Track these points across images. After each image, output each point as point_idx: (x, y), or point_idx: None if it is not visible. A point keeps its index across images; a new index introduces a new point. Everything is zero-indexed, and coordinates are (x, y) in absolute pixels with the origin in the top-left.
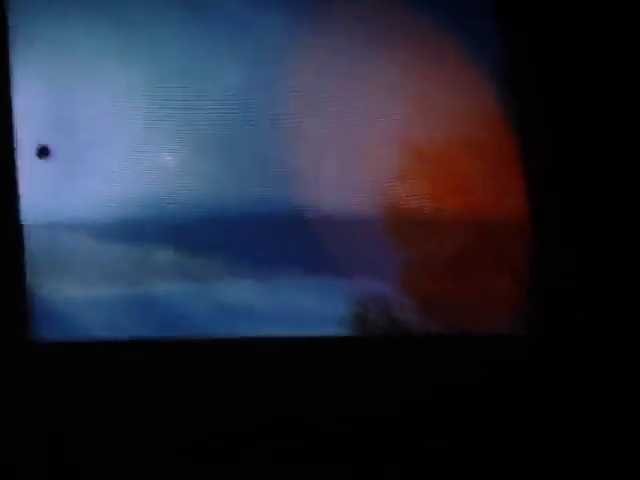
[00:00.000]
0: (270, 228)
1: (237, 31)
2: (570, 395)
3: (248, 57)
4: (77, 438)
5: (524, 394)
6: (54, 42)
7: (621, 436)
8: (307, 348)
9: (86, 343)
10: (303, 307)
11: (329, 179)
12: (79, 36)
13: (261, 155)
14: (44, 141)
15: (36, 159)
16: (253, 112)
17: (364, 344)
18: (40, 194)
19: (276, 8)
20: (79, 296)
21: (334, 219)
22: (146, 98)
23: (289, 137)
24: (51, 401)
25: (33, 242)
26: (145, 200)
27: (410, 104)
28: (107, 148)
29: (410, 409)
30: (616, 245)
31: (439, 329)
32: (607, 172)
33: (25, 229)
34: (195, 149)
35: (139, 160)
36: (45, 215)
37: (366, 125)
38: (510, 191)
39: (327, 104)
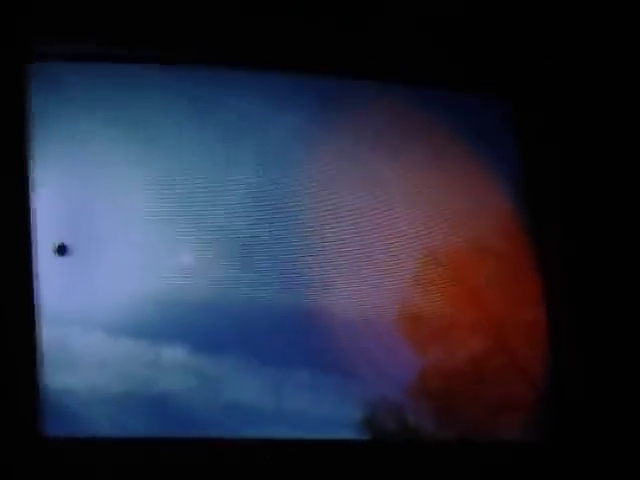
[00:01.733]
0: (284, 330)
1: (250, 131)
2: None
3: (263, 159)
4: None
5: None
6: (72, 141)
7: None
8: (316, 451)
9: (96, 440)
10: (315, 410)
11: (345, 283)
12: (97, 136)
13: (276, 257)
14: (63, 239)
15: (54, 257)
16: (268, 214)
17: (375, 449)
18: (57, 292)
19: (290, 110)
20: (91, 394)
21: (349, 323)
22: (162, 197)
23: (305, 241)
24: None
25: (48, 339)
26: (159, 299)
27: (428, 211)
28: (123, 246)
29: None
30: (631, 355)
31: (452, 435)
32: (623, 282)
33: (40, 326)
34: (210, 249)
35: (155, 259)
36: (61, 313)
37: (383, 230)
38: (526, 300)
39: (343, 208)
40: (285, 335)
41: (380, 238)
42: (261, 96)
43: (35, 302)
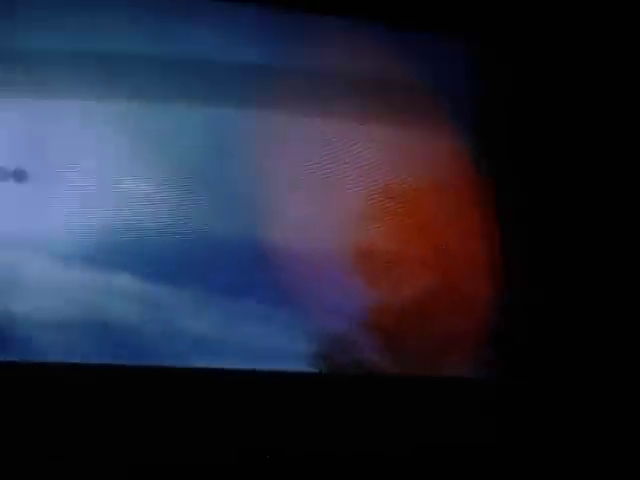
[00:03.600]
0: (235, 262)
1: (209, 62)
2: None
3: (220, 90)
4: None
5: (482, 439)
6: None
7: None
8: (264, 382)
9: (40, 364)
10: (264, 341)
11: (296, 217)
12: (57, 61)
13: (229, 191)
14: (19, 165)
15: (9, 182)
16: (223, 146)
17: (324, 382)
18: (10, 217)
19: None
20: (39, 319)
21: (300, 256)
22: (120, 127)
23: (258, 175)
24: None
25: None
26: (110, 226)
27: (380, 146)
28: (78, 174)
29: (364, 449)
30: (580, 288)
31: (400, 369)
32: (569, 217)
33: None
34: (165, 180)
35: (109, 187)
36: (14, 237)
37: (335, 165)
38: (475, 235)
39: (296, 142)
40: (236, 267)
41: (332, 173)
42: (222, 28)
43: None
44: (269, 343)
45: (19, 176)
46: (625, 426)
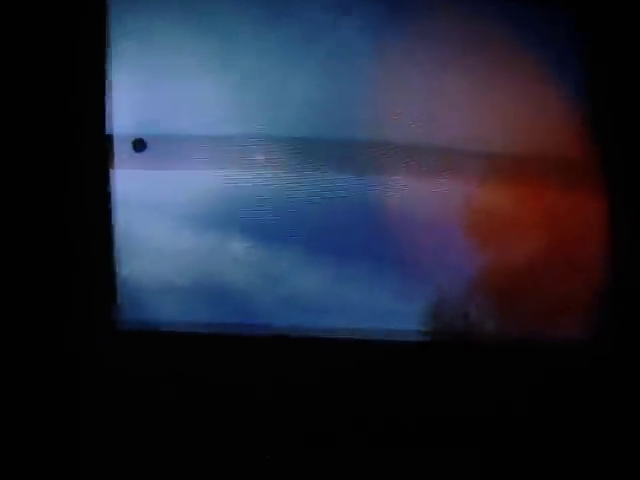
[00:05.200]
0: (346, 225)
1: (317, 34)
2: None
3: (329, 61)
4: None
5: (594, 402)
6: (149, 42)
7: None
8: (376, 345)
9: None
10: (376, 303)
11: (408, 182)
12: (173, 37)
13: (340, 157)
14: (140, 135)
15: (131, 151)
16: (333, 115)
17: (438, 346)
18: (133, 184)
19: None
20: (161, 284)
21: (411, 217)
22: (233, 98)
23: (367, 141)
24: (130, 387)
25: (122, 229)
26: (227, 195)
27: (490, 114)
28: (196, 144)
29: (482, 414)
30: None
31: (513, 333)
32: None
33: (116, 218)
34: (275, 149)
35: (225, 156)
36: (136, 204)
37: (447, 130)
38: (585, 200)
39: (408, 109)
40: (346, 230)
41: (444, 138)
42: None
43: (112, 193)
44: (380, 304)
45: (139, 145)
46: None
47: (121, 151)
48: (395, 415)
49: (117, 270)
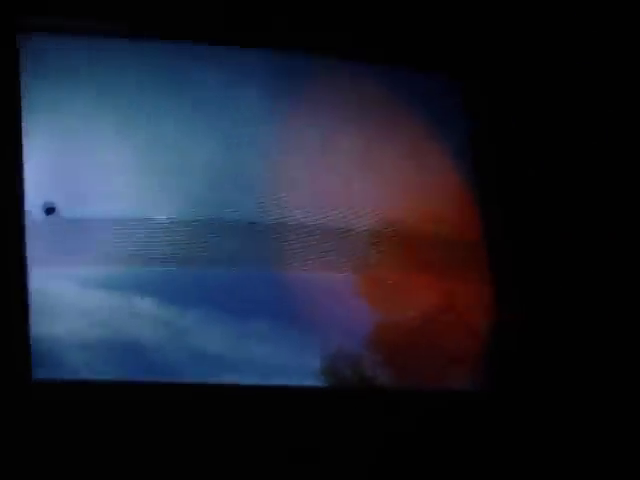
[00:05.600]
0: (247, 283)
1: (214, 102)
2: (524, 447)
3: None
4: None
5: (480, 445)
6: (58, 109)
7: None
8: (277, 397)
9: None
10: (276, 358)
11: (305, 244)
12: (81, 105)
13: (238, 221)
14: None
15: (42, 215)
16: (231, 179)
17: (333, 396)
18: (43, 246)
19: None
20: (71, 341)
21: (309, 279)
22: (138, 162)
23: (265, 205)
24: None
25: (34, 290)
26: (132, 254)
27: (382, 179)
28: (104, 208)
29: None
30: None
31: (405, 385)
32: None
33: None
34: (183, 209)
35: (130, 217)
36: (46, 265)
37: (340, 195)
38: (472, 259)
39: (302, 174)
40: (247, 290)
41: (337, 202)
42: (225, 69)
43: (24, 255)
44: (281, 360)
45: (49, 209)
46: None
47: (33, 215)
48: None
49: (30, 327)
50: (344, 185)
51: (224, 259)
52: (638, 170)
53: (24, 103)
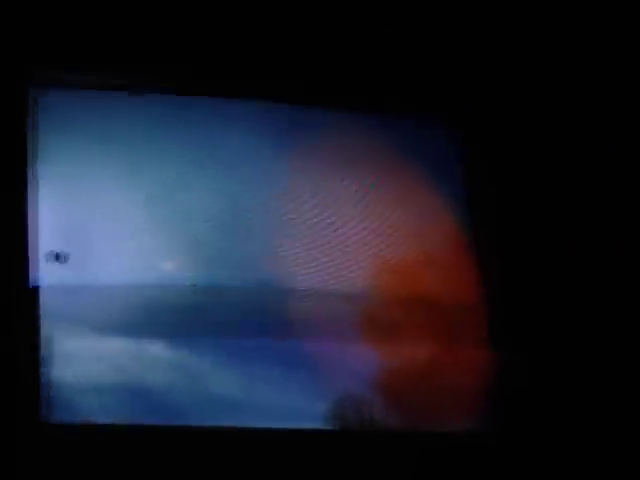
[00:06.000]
0: (255, 332)
1: (215, 153)
2: None
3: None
4: None
5: None
6: (67, 161)
7: None
8: (285, 439)
9: (85, 426)
10: (286, 402)
11: (307, 290)
12: (89, 157)
13: (242, 266)
14: (59, 248)
15: (52, 263)
16: (232, 227)
17: (340, 438)
18: (54, 294)
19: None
20: (83, 385)
21: (313, 325)
22: (142, 211)
23: (265, 251)
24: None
25: (46, 337)
26: (143, 303)
27: (379, 225)
28: (111, 254)
29: None
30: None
31: (409, 426)
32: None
33: (40, 325)
34: (184, 257)
35: (137, 264)
36: (57, 313)
37: (340, 239)
38: (471, 306)
39: (300, 222)
40: (256, 335)
41: (335, 250)
42: (226, 122)
43: (35, 304)
44: (288, 403)
45: (61, 257)
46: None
47: (43, 263)
48: None
49: (41, 370)
50: (342, 231)
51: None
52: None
53: (35, 154)
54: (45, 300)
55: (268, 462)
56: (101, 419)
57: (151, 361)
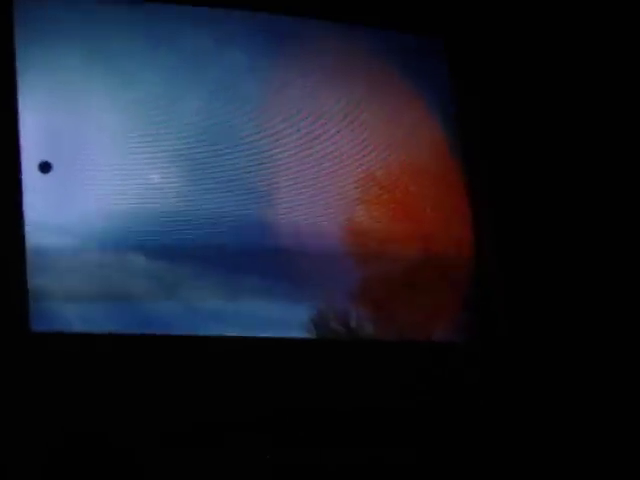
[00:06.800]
0: (239, 241)
1: (204, 63)
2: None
3: (214, 88)
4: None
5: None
6: (53, 69)
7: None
8: (267, 348)
9: (73, 335)
10: (267, 313)
11: (294, 202)
12: (74, 66)
13: (230, 177)
14: (46, 158)
15: (38, 173)
16: (219, 137)
17: (321, 346)
18: (39, 204)
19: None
20: (68, 295)
21: (298, 236)
22: (128, 121)
23: (256, 163)
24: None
25: (31, 246)
26: (126, 213)
27: (366, 137)
28: (95, 164)
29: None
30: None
31: (389, 336)
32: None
33: (27, 235)
34: (168, 168)
35: (121, 176)
36: (43, 222)
37: (326, 155)
38: (456, 214)
39: (289, 134)
40: (240, 245)
41: (324, 161)
42: (214, 32)
43: (21, 212)
44: (271, 313)
45: (45, 167)
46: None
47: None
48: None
49: (28, 280)
50: (331, 143)
51: (217, 215)
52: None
53: (19, 60)
54: (30, 210)
55: (252, 371)
56: (85, 328)
57: (134, 271)
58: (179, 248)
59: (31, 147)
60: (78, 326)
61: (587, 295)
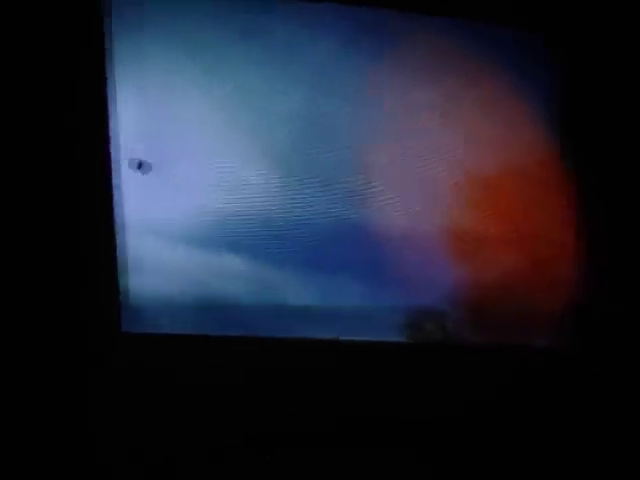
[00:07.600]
0: (334, 241)
1: (296, 56)
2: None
3: (308, 82)
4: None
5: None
6: (149, 66)
7: None
8: (361, 351)
9: (163, 336)
10: (362, 315)
11: (391, 200)
12: (169, 61)
13: (330, 178)
14: (142, 156)
15: (134, 172)
16: (316, 134)
17: (418, 350)
18: (136, 204)
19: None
20: (162, 296)
21: (396, 236)
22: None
23: (350, 159)
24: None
25: (127, 247)
26: (225, 212)
27: (465, 136)
28: (194, 163)
29: (457, 413)
30: None
31: (487, 341)
32: None
33: (121, 235)
34: (267, 167)
35: (221, 175)
36: (138, 223)
37: (424, 151)
38: (557, 216)
39: (385, 132)
40: (335, 246)
41: (421, 160)
42: (306, 24)
43: (116, 213)
44: (366, 315)
45: (144, 167)
46: None
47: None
48: (378, 412)
49: (121, 282)
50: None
51: (311, 215)
52: None
53: (115, 57)
54: (126, 210)
55: (346, 375)
56: (179, 330)
57: (227, 272)
58: (275, 249)
59: (127, 145)
60: (170, 328)
61: None
